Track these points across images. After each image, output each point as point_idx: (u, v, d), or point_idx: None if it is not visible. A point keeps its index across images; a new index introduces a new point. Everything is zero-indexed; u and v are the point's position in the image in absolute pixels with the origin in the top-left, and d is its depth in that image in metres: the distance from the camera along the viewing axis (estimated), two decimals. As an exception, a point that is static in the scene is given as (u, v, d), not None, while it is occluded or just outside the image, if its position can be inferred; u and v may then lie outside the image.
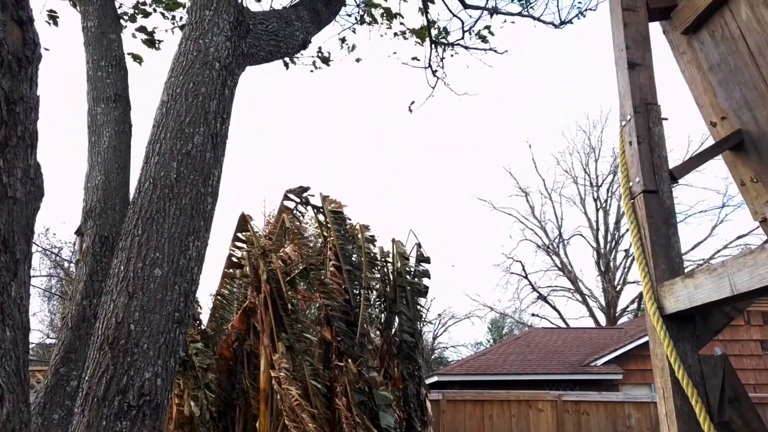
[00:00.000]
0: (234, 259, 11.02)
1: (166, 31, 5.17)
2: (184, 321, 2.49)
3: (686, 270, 2.55)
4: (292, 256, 11.07)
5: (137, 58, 4.67)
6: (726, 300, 2.15)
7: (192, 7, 3.10)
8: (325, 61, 6.08)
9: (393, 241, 11.08)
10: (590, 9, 6.89)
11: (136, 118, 3.58)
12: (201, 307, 10.35)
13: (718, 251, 24.10)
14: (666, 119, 2.86)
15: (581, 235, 28.83)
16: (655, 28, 3.16)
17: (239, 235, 10.95)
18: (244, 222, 10.96)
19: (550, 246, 28.77)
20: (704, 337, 2.47)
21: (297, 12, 3.77)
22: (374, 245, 11.42)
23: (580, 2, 6.53)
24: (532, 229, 29.18)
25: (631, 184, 2.76)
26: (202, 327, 10.02)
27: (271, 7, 4.90)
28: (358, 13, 5.76)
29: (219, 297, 10.47)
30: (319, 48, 6.29)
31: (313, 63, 6.15)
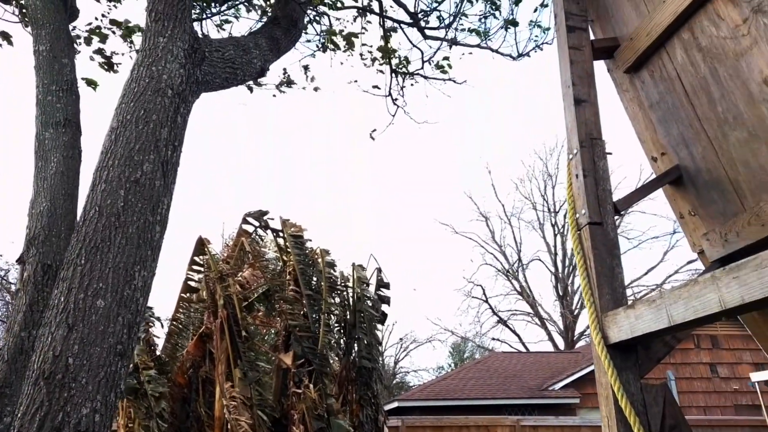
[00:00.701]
0: (191, 283, 10.78)
1: (123, 54, 5.11)
2: (126, 354, 2.42)
3: (639, 296, 2.63)
4: (251, 281, 10.91)
5: (91, 83, 4.59)
6: (665, 330, 2.22)
7: (146, 34, 3.07)
8: (289, 83, 6.11)
9: (353, 265, 11.05)
10: (546, 43, 7.13)
11: (89, 144, 3.52)
12: (152, 324, 10.08)
13: (670, 276, 24.84)
14: (610, 153, 2.97)
15: (540, 259, 29.36)
16: (600, 67, 3.30)
17: (196, 259, 10.74)
18: (201, 246, 10.77)
19: (510, 270, 29.18)
20: (646, 365, 2.54)
21: (255, 40, 3.79)
22: (334, 270, 11.36)
23: (537, 36, 6.75)
24: (492, 254, 29.58)
25: (577, 215, 2.84)
26: (157, 353, 9.73)
27: (229, 34, 4.92)
28: (319, 40, 5.83)
29: (174, 322, 10.20)
30: (285, 69, 6.31)
31: (277, 86, 6.16)
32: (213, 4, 4.94)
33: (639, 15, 2.96)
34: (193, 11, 4.81)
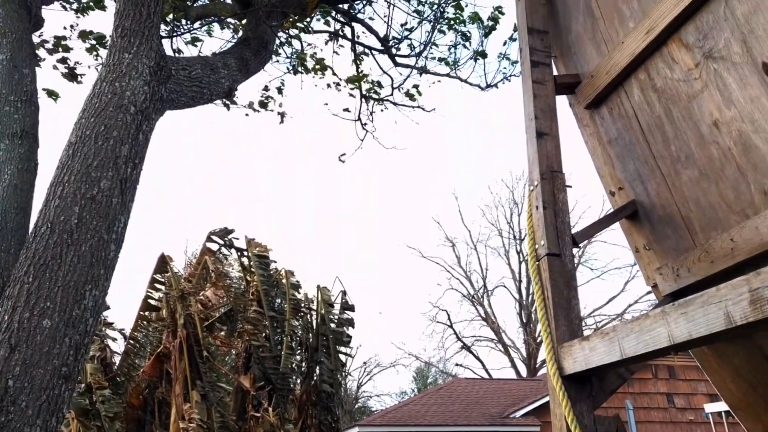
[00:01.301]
0: (151, 301, 10.52)
1: (90, 67, 5.04)
2: (72, 377, 2.33)
3: (601, 325, 2.66)
4: (213, 300, 10.72)
5: (52, 94, 4.50)
6: (618, 363, 2.25)
7: (111, 49, 3.04)
8: (263, 105, 6.10)
9: (318, 288, 10.97)
10: (514, 75, 7.29)
11: (48, 157, 3.43)
12: (113, 340, 9.79)
13: (630, 305, 25.30)
14: (570, 186, 3.03)
15: (504, 286, 29.63)
16: (563, 101, 3.40)
17: (158, 276, 10.52)
18: (163, 263, 10.55)
19: (475, 296, 29.35)
20: (600, 397, 2.57)
21: (224, 59, 3.79)
22: (299, 291, 11.25)
23: (505, 68, 6.89)
24: (458, 279, 29.72)
25: (537, 246, 2.88)
26: (112, 373, 9.43)
27: (199, 53, 4.90)
28: (290, 63, 5.87)
29: (132, 341, 9.92)
30: (266, 86, 6.28)
31: (250, 105, 6.14)
32: (185, 22, 4.93)
33: (599, 54, 3.06)
34: (163, 27, 4.79)
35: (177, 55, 4.85)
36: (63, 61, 4.97)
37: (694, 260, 2.62)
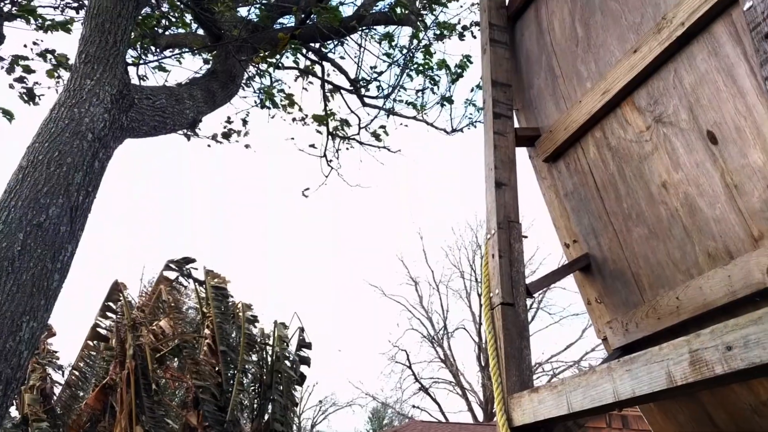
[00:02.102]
0: (100, 329, 10.15)
1: (49, 87, 4.93)
2: (0, 413, 2.20)
3: (557, 372, 2.67)
4: (166, 331, 10.41)
5: (6, 114, 4.38)
6: (565, 416, 2.25)
7: (73, 74, 2.99)
8: (226, 137, 6.06)
9: (275, 323, 10.76)
10: (480, 122, 7.47)
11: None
12: (54, 370, 9.35)
13: (587, 353, 25.59)
14: (526, 237, 3.08)
15: (465, 328, 29.62)
16: (522, 153, 3.48)
17: (109, 304, 10.18)
18: (116, 290, 10.23)
19: (435, 337, 29.24)
20: (547, 450, 2.56)
21: (190, 90, 3.77)
22: (255, 326, 11.02)
23: (471, 114, 7.05)
24: (419, 319, 29.61)
25: (491, 295, 2.90)
26: (51, 404, 8.98)
27: (165, 82, 4.87)
28: (258, 97, 5.89)
29: (75, 371, 9.49)
30: (229, 118, 6.24)
31: (213, 137, 6.10)
32: (154, 49, 4.91)
33: (559, 110, 3.16)
34: (131, 53, 4.76)
35: (143, 81, 4.82)
36: (20, 80, 4.85)
37: (642, 316, 2.68)
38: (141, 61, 4.63)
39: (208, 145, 6.12)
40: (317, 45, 5.78)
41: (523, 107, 3.50)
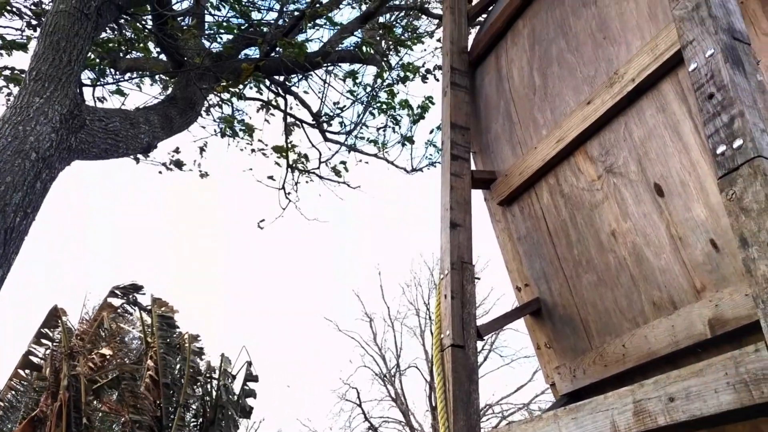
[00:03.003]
0: (33, 358, 9.62)
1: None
2: None
3: (507, 414, 2.63)
4: (106, 361, 9.95)
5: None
6: (511, 463, 2.22)
7: (22, 91, 2.87)
8: (179, 165, 5.94)
9: (222, 356, 10.45)
10: (439, 162, 7.57)
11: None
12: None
13: (537, 396, 25.67)
14: (479, 279, 3.10)
15: (417, 367, 29.37)
16: (478, 195, 3.52)
17: (46, 330, 9.69)
18: (55, 316, 9.76)
19: (387, 375, 28.89)
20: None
21: (147, 115, 3.69)
22: (201, 358, 10.67)
23: (431, 155, 7.15)
24: (372, 356, 29.24)
25: (442, 336, 2.87)
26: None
27: (122, 105, 4.75)
28: (218, 125, 5.82)
29: (1, 402, 8.92)
30: (177, 148, 6.13)
31: (164, 164, 5.97)
32: (113, 71, 4.81)
33: (514, 155, 3.23)
34: (88, 74, 4.65)
35: (100, 104, 4.69)
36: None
37: (589, 362, 2.69)
38: (98, 83, 4.52)
39: (160, 172, 5.99)
40: (281, 78, 5.80)
41: (481, 150, 3.56)
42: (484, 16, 4.25)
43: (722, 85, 1.64)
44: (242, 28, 4.81)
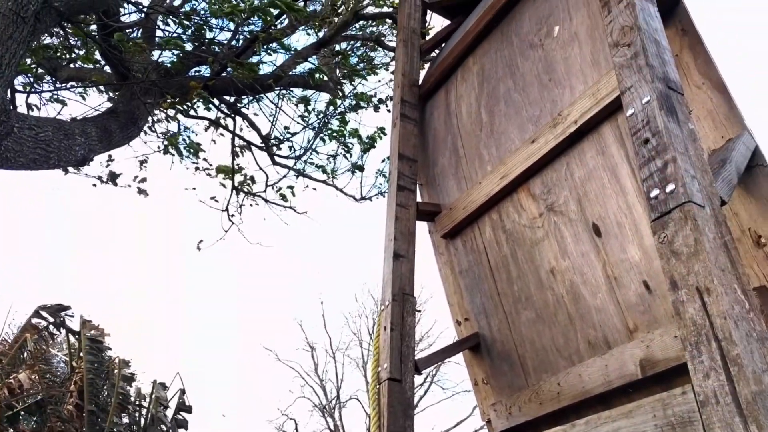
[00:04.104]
0: (-57, 380, 8.93)
1: None
2: None
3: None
4: (25, 385, 9.33)
5: None
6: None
7: (-57, 93, 2.70)
8: (113, 178, 5.70)
9: (154, 383, 9.95)
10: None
11: None
12: None
13: (477, 430, 25.67)
14: (419, 311, 3.07)
15: (358, 399, 28.93)
16: (423, 227, 3.52)
17: (-40, 351, 9.03)
18: (-28, 336, 9.13)
19: (326, 407, 28.31)
20: None
21: (84, 127, 3.53)
22: (131, 385, 10.14)
23: (380, 184, 7.16)
24: (312, 387, 28.62)
25: (379, 369, 2.81)
26: None
27: (57, 114, 4.52)
28: (162, 142, 5.65)
29: None
30: (111, 156, 5.83)
31: (99, 177, 5.73)
32: (51, 79, 4.62)
33: (459, 189, 3.25)
34: (22, 80, 4.44)
35: (33, 112, 4.46)
36: None
37: (525, 400, 2.68)
38: (32, 90, 4.31)
39: (94, 185, 5.74)
40: (232, 99, 5.71)
41: (427, 183, 3.57)
42: (437, 51, 4.33)
43: (657, 131, 1.69)
44: (196, 45, 4.72)
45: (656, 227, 1.60)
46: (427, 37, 4.62)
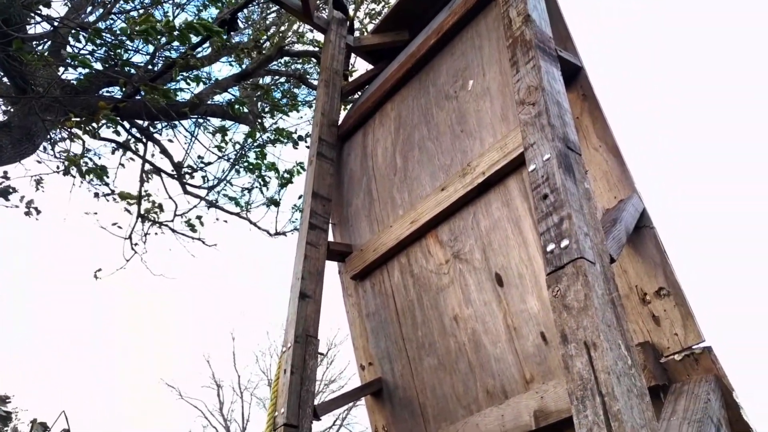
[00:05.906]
0: None
1: None
2: None
3: None
4: None
5: None
6: None
7: None
8: (4, 194, 5.24)
9: (34, 422, 9.07)
10: (304, 228, 7.46)
11: None
12: None
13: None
14: (323, 355, 2.98)
15: (263, 441, 27.76)
16: (333, 267, 3.47)
17: None
18: None
19: (229, 450, 26.91)
20: None
21: (-29, 140, 3.24)
22: (8, 425, 9.19)
23: (296, 220, 7.06)
24: (215, 427, 27.19)
25: (276, 414, 2.69)
26: None
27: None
28: (62, 162, 5.28)
29: None
30: (6, 172, 5.37)
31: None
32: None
33: (371, 231, 3.24)
34: None
35: None
36: None
37: (423, 449, 2.64)
38: None
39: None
40: (144, 123, 5.48)
41: (340, 223, 3.54)
42: (359, 94, 4.37)
43: (555, 188, 1.76)
44: (107, 65, 4.51)
45: (551, 281, 1.64)
46: (350, 79, 4.68)
